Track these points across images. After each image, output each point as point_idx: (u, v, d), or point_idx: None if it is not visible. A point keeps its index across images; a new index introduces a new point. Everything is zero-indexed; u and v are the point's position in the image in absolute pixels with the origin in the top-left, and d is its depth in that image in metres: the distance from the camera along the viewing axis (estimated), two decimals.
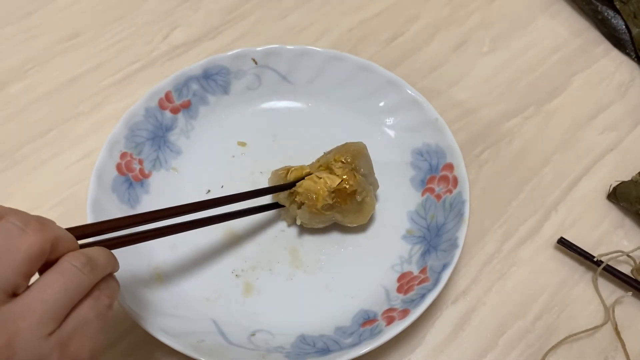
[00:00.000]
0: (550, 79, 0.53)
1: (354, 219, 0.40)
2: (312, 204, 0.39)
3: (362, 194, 0.39)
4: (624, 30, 0.56)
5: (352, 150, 0.41)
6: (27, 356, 0.22)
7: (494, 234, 0.44)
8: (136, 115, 0.43)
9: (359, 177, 0.40)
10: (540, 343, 0.39)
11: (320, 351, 0.35)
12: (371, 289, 0.39)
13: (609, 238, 0.44)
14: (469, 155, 0.47)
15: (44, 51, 0.53)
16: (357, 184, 0.39)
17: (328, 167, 0.40)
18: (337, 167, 0.39)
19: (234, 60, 0.46)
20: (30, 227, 0.24)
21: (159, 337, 0.34)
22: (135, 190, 0.42)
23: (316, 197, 0.38)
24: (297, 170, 0.40)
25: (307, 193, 0.39)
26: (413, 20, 0.56)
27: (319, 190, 0.39)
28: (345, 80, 0.47)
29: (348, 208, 0.39)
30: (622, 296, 0.41)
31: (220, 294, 0.39)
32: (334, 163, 0.40)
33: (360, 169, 0.40)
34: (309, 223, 0.40)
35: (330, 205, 0.39)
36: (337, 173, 0.39)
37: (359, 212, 0.40)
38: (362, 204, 0.40)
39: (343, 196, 0.39)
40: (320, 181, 0.39)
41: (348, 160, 0.40)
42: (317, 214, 0.39)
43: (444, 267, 0.37)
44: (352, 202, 0.39)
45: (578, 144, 0.49)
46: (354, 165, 0.40)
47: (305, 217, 0.40)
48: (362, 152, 0.41)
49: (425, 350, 0.39)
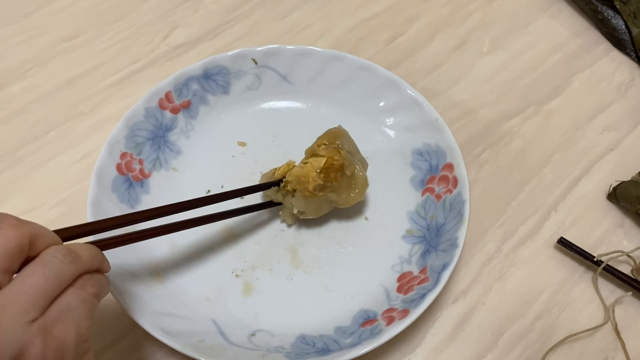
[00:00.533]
0: (550, 79, 0.53)
1: (349, 196, 0.40)
2: (304, 188, 0.39)
3: (350, 168, 0.40)
4: (624, 30, 0.56)
5: (333, 132, 0.41)
6: (10, 343, 0.22)
7: (494, 234, 0.44)
8: (136, 115, 0.43)
9: (344, 152, 0.40)
10: (540, 343, 0.39)
11: (320, 351, 0.35)
12: (371, 289, 0.39)
13: (609, 238, 0.44)
14: (469, 155, 0.47)
15: (44, 51, 0.53)
16: (342, 158, 0.39)
17: (313, 153, 0.40)
18: (320, 150, 0.40)
19: (234, 60, 0.46)
20: (5, 223, 0.24)
21: (159, 337, 0.34)
22: (135, 190, 0.42)
23: (306, 180, 0.39)
24: (283, 168, 0.41)
25: (297, 179, 0.39)
26: (413, 20, 0.56)
27: (307, 174, 0.39)
28: (345, 80, 0.47)
29: (340, 185, 0.40)
30: (622, 296, 0.41)
31: (220, 294, 0.39)
32: (316, 148, 0.40)
33: (344, 146, 0.41)
34: (307, 210, 0.40)
35: (322, 186, 0.39)
36: (322, 154, 0.40)
37: (352, 188, 0.40)
38: (353, 178, 0.40)
39: (333, 172, 0.39)
40: (307, 165, 0.39)
41: (330, 141, 0.40)
42: (311, 196, 0.39)
43: (444, 267, 0.37)
44: (343, 178, 0.39)
45: (578, 144, 0.49)
46: (336, 144, 0.40)
47: (301, 203, 0.40)
48: (343, 133, 0.42)
49: (425, 350, 0.39)
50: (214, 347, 0.35)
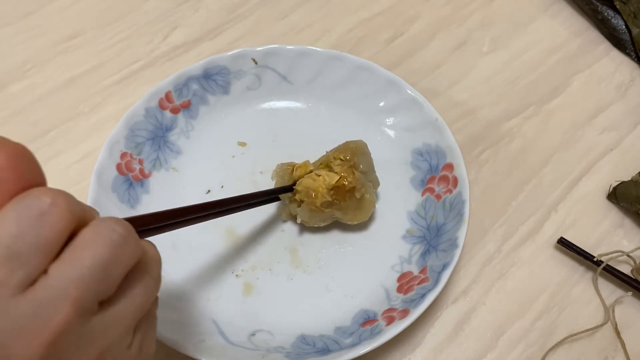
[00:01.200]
0: (550, 79, 0.53)
1: (354, 216, 0.40)
2: (311, 202, 0.39)
3: (361, 191, 0.39)
4: (624, 30, 0.56)
5: (352, 147, 0.41)
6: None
7: (494, 234, 0.44)
8: (136, 116, 0.43)
9: (358, 173, 0.40)
10: (540, 343, 0.39)
11: (320, 351, 0.35)
12: (371, 289, 0.39)
13: (609, 238, 0.44)
14: (469, 155, 0.47)
15: (44, 51, 0.53)
16: (355, 180, 0.39)
17: (327, 165, 0.40)
18: (335, 165, 0.40)
19: (234, 60, 0.46)
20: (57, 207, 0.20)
21: (159, 337, 0.34)
22: (135, 190, 0.42)
23: (315, 195, 0.39)
24: (301, 168, 0.41)
25: (307, 191, 0.39)
26: (413, 20, 0.56)
27: (317, 188, 0.39)
28: (345, 80, 0.47)
29: (347, 205, 0.39)
30: (622, 296, 0.41)
31: (220, 294, 0.39)
32: (333, 161, 0.40)
33: (360, 165, 0.40)
34: (310, 221, 0.40)
35: (330, 203, 0.39)
36: (336, 170, 0.39)
37: (358, 209, 0.40)
38: (362, 201, 0.40)
39: (342, 193, 0.39)
40: (319, 179, 0.39)
41: (347, 157, 0.40)
42: (317, 211, 0.39)
43: (444, 267, 0.37)
44: (352, 199, 0.39)
45: (578, 144, 0.49)
46: (352, 162, 0.40)
47: (306, 215, 0.40)
48: (362, 149, 0.41)
49: (425, 350, 0.39)
50: (214, 347, 0.35)
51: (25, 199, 0.20)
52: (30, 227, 0.19)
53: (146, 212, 0.41)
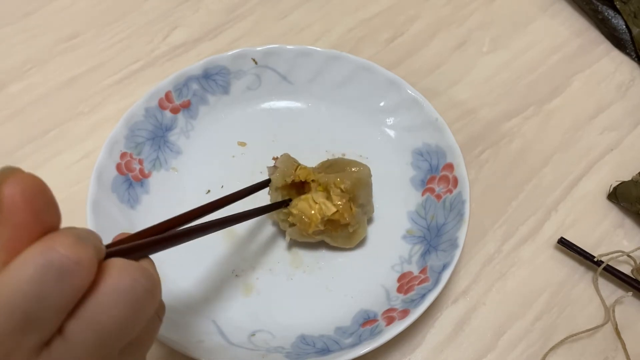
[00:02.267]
0: (550, 79, 0.53)
1: (342, 243, 0.40)
2: (304, 228, 0.39)
3: (355, 226, 0.39)
4: (624, 30, 0.56)
5: (355, 177, 0.39)
6: None
7: (494, 234, 0.44)
8: (136, 115, 0.43)
9: (355, 209, 0.39)
10: (540, 343, 0.39)
11: (320, 351, 0.35)
12: (371, 289, 0.39)
13: (609, 238, 0.44)
14: (469, 155, 0.47)
15: (44, 51, 0.53)
16: (351, 217, 0.39)
17: (326, 189, 0.39)
18: (335, 194, 0.39)
19: (234, 60, 0.46)
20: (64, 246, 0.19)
21: (159, 337, 0.34)
22: (135, 190, 0.42)
23: (309, 222, 0.38)
24: (304, 170, 0.40)
25: (301, 216, 0.38)
26: (413, 20, 0.56)
27: (312, 216, 0.38)
28: (345, 80, 0.47)
29: (338, 235, 0.40)
30: (622, 296, 0.41)
31: (220, 294, 0.39)
32: (333, 188, 0.39)
33: (359, 199, 0.39)
34: (299, 238, 0.40)
35: (322, 231, 0.39)
36: (335, 201, 0.38)
37: (347, 239, 0.40)
38: (353, 234, 0.40)
39: (335, 225, 0.39)
40: (316, 207, 0.38)
41: (347, 189, 0.39)
42: (307, 236, 0.39)
43: (444, 267, 0.37)
44: (344, 231, 0.39)
45: (578, 144, 0.49)
46: (352, 195, 0.39)
47: (295, 235, 0.40)
48: (364, 180, 0.40)
49: (425, 350, 0.39)
50: (214, 347, 0.35)
51: (46, 253, 0.18)
52: (51, 289, 0.17)
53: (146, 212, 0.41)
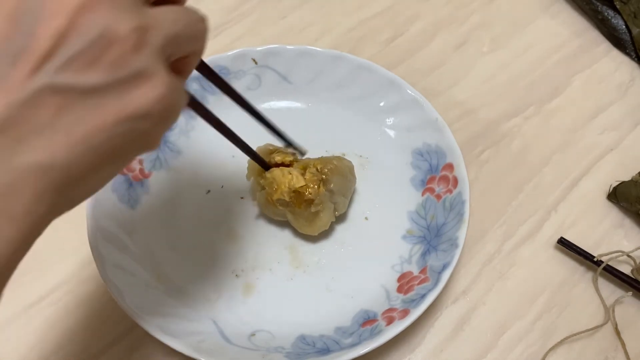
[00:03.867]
0: (550, 79, 0.53)
1: (303, 226, 0.40)
2: (270, 193, 0.39)
3: (318, 207, 0.39)
4: (624, 30, 0.56)
5: (334, 165, 0.40)
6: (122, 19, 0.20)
7: (494, 234, 0.44)
8: None
9: (323, 190, 0.39)
10: (540, 343, 0.39)
11: (320, 351, 0.35)
12: (371, 289, 0.39)
13: (609, 238, 0.44)
14: (469, 155, 0.47)
15: None
16: (317, 195, 0.39)
17: (305, 167, 0.40)
18: (309, 172, 0.39)
19: (234, 60, 0.46)
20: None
21: (159, 337, 0.34)
22: (136, 190, 0.42)
23: (276, 189, 0.39)
24: (281, 154, 0.41)
25: (271, 182, 0.39)
26: (413, 20, 0.56)
27: (281, 184, 0.39)
28: (345, 80, 0.47)
29: (300, 212, 0.39)
30: (622, 296, 0.41)
31: (220, 294, 0.39)
32: (310, 167, 0.40)
33: (331, 184, 0.40)
34: (264, 210, 0.41)
35: (285, 202, 0.39)
36: (306, 177, 0.39)
37: (309, 222, 0.40)
38: (315, 216, 0.39)
39: (299, 200, 0.39)
40: (288, 177, 0.39)
41: (324, 171, 0.40)
42: (271, 204, 0.39)
43: (444, 267, 0.37)
44: (306, 210, 0.39)
45: (578, 144, 0.49)
46: (325, 178, 0.39)
47: (262, 201, 0.40)
48: (342, 171, 0.41)
49: (425, 350, 0.39)
50: (214, 347, 0.35)
51: None
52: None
53: (146, 212, 0.41)
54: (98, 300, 0.39)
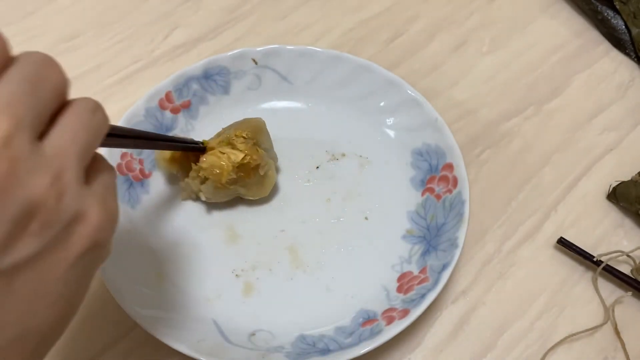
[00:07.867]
0: (550, 79, 0.53)
1: (256, 191, 0.41)
2: (217, 179, 0.39)
3: (265, 168, 0.40)
4: (624, 30, 0.56)
5: (253, 125, 0.42)
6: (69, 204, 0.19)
7: (494, 234, 0.44)
8: (136, 116, 0.43)
9: (262, 151, 0.40)
10: (540, 343, 0.39)
11: (320, 351, 0.35)
12: (371, 289, 0.40)
13: (609, 238, 0.44)
14: (468, 155, 0.47)
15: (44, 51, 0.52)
16: (260, 158, 0.40)
17: (230, 142, 0.40)
18: (239, 143, 0.40)
19: (234, 61, 0.46)
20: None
21: (159, 337, 0.34)
22: (136, 190, 0.42)
23: (220, 172, 0.39)
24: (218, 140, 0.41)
25: (212, 168, 0.39)
26: (413, 20, 0.56)
27: (223, 166, 0.39)
28: (345, 80, 0.47)
29: (251, 181, 0.40)
30: (622, 296, 0.41)
31: (220, 294, 0.39)
32: (235, 139, 0.40)
33: (262, 144, 0.41)
34: (213, 197, 0.41)
35: (235, 180, 0.39)
36: (240, 148, 0.40)
37: (260, 185, 0.41)
38: (264, 177, 0.41)
39: (247, 170, 0.39)
40: (224, 156, 0.39)
41: (249, 135, 0.41)
42: (222, 188, 0.40)
43: (444, 267, 0.37)
44: (256, 176, 0.40)
45: (578, 144, 0.49)
46: (255, 140, 0.41)
47: (210, 191, 0.40)
48: (262, 127, 0.42)
49: (425, 350, 0.39)
50: (214, 347, 0.35)
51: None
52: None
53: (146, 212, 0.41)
54: (98, 300, 0.39)
